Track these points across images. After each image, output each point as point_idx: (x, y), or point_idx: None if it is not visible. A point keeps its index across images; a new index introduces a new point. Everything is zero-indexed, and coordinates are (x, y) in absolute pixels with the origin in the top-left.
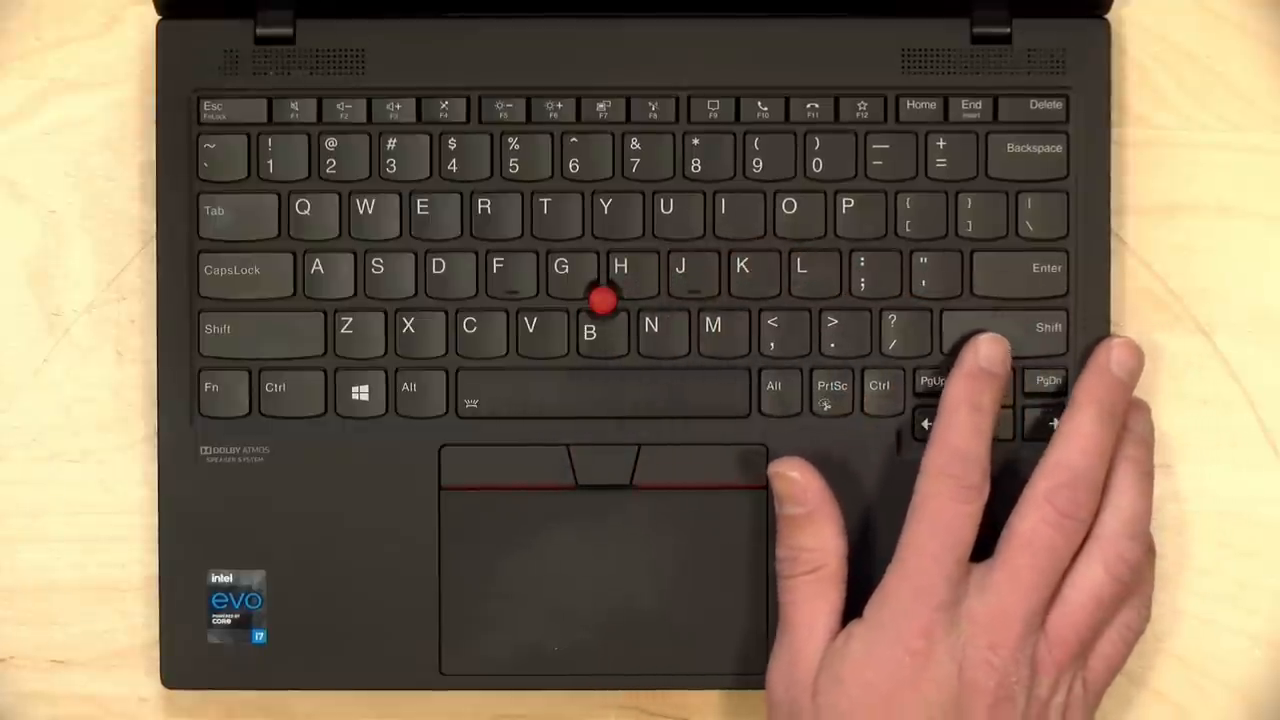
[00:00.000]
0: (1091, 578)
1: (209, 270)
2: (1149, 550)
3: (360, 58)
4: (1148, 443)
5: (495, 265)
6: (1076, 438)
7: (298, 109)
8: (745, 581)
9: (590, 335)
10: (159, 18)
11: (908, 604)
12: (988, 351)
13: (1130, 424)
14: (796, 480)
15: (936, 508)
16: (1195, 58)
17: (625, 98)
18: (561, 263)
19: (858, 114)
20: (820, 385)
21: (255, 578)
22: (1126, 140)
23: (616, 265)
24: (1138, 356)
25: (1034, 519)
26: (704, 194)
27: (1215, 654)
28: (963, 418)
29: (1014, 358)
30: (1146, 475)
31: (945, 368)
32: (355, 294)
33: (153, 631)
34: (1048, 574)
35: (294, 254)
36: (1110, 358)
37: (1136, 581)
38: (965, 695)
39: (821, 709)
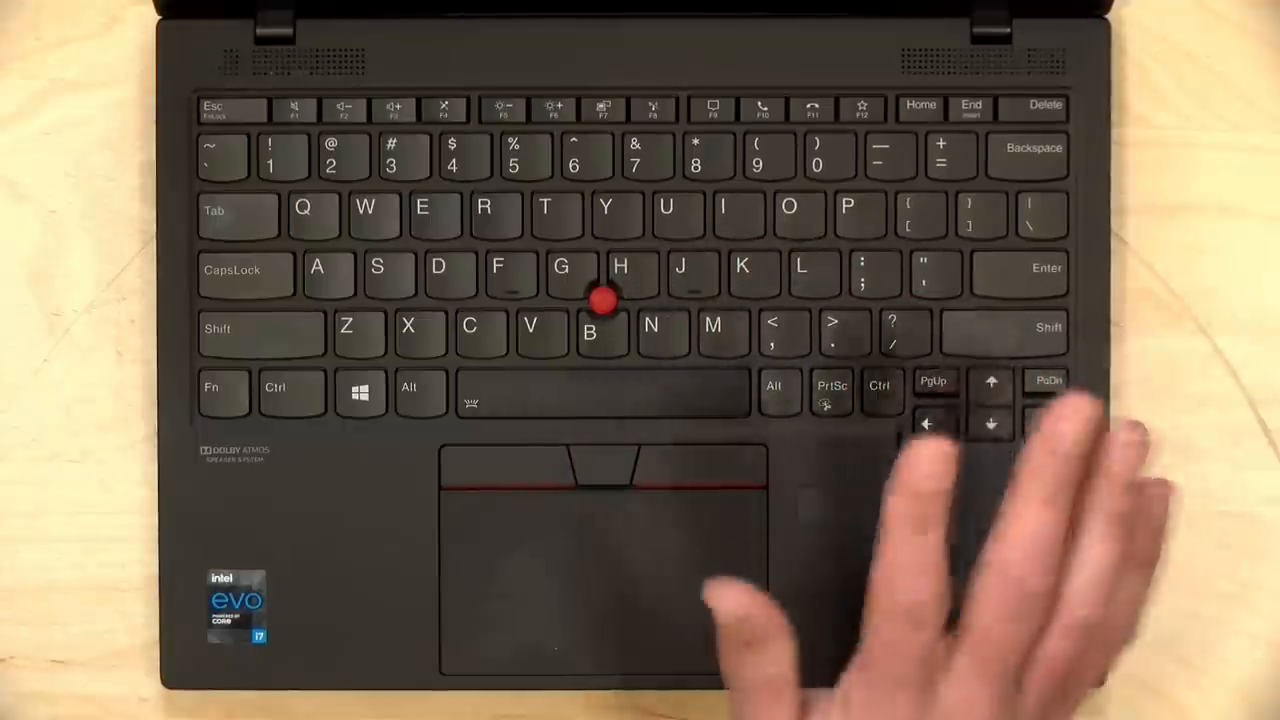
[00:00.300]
0: (1054, 647)
1: (209, 270)
2: (1140, 562)
3: (360, 58)
4: (1126, 488)
5: (495, 265)
6: (1019, 534)
7: (298, 109)
8: (745, 581)
9: (590, 335)
10: (159, 18)
11: (882, 696)
12: (926, 470)
13: (1106, 465)
14: (742, 614)
15: (890, 639)
16: (1195, 58)
17: (625, 98)
18: (561, 263)
19: (858, 114)
20: (820, 385)
21: (255, 578)
22: (1126, 140)
23: (616, 265)
24: (1086, 424)
25: (986, 616)
26: (704, 194)
27: (1215, 654)
28: (908, 549)
29: (1014, 358)
30: (1115, 521)
31: (945, 368)
32: (355, 294)
33: (153, 631)
34: (1010, 661)
35: (294, 254)
36: (1055, 432)
37: (1107, 629)
38: None
39: None
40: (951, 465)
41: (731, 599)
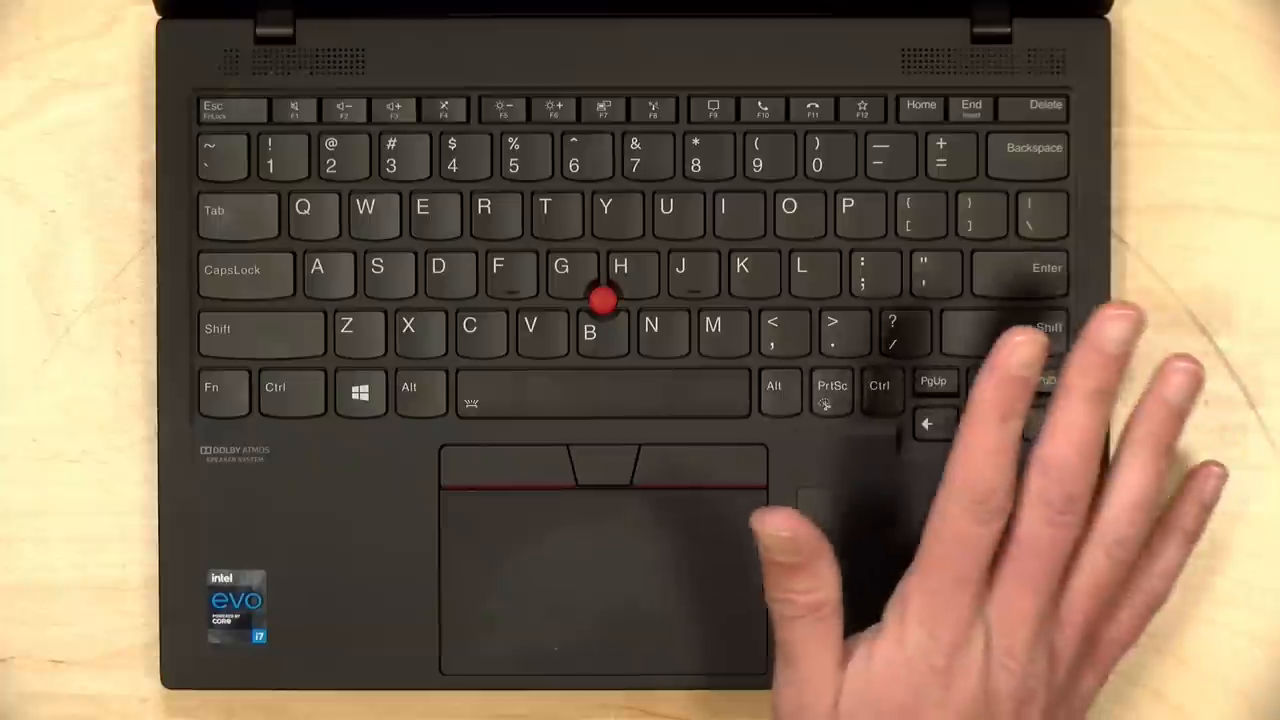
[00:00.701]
0: (1093, 564)
1: (209, 270)
2: (1183, 532)
3: (360, 58)
4: (1171, 414)
5: (495, 265)
6: (1066, 429)
7: (298, 109)
8: (745, 581)
9: (590, 335)
10: (159, 18)
11: (931, 624)
12: (1024, 356)
13: (1157, 389)
14: (787, 536)
15: (957, 530)
16: (1195, 58)
17: (625, 98)
18: (561, 263)
19: (858, 114)
20: (820, 385)
21: (255, 578)
22: (1126, 140)
23: (616, 265)
24: (1132, 325)
25: (1031, 520)
26: (704, 194)
27: (1215, 654)
28: (989, 435)
29: None
30: (1158, 451)
31: (945, 367)
32: (355, 294)
33: (153, 631)
34: (1052, 571)
35: (294, 254)
36: (1101, 333)
37: (1146, 558)
38: (990, 703)
39: None
40: (1046, 356)
41: (776, 521)
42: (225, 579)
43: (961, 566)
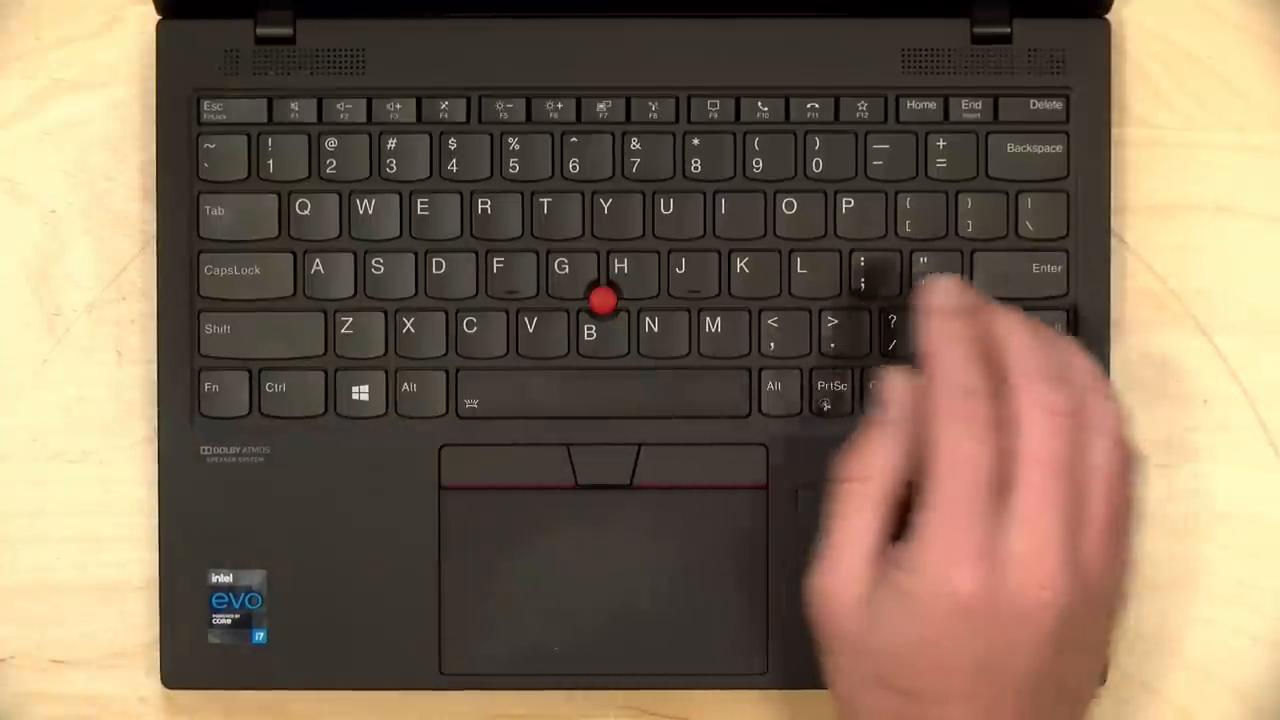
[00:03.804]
0: (1105, 460)
1: (209, 270)
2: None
3: (360, 58)
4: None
5: (495, 265)
6: (1024, 341)
7: (298, 109)
8: (745, 581)
9: (590, 335)
10: (159, 18)
11: (947, 553)
12: (945, 289)
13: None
14: (884, 386)
15: (955, 450)
16: (1195, 58)
17: (625, 98)
18: (561, 263)
19: (858, 114)
20: (820, 385)
21: (255, 578)
22: (1126, 140)
23: (616, 265)
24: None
25: (1035, 433)
26: (704, 194)
27: (1215, 654)
28: (950, 355)
29: None
30: (1059, 335)
31: None
32: (355, 294)
33: (153, 631)
34: (1070, 483)
35: (294, 254)
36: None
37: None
38: (1025, 633)
39: (871, 652)
40: (963, 288)
41: (894, 368)
42: (225, 579)
43: (966, 486)
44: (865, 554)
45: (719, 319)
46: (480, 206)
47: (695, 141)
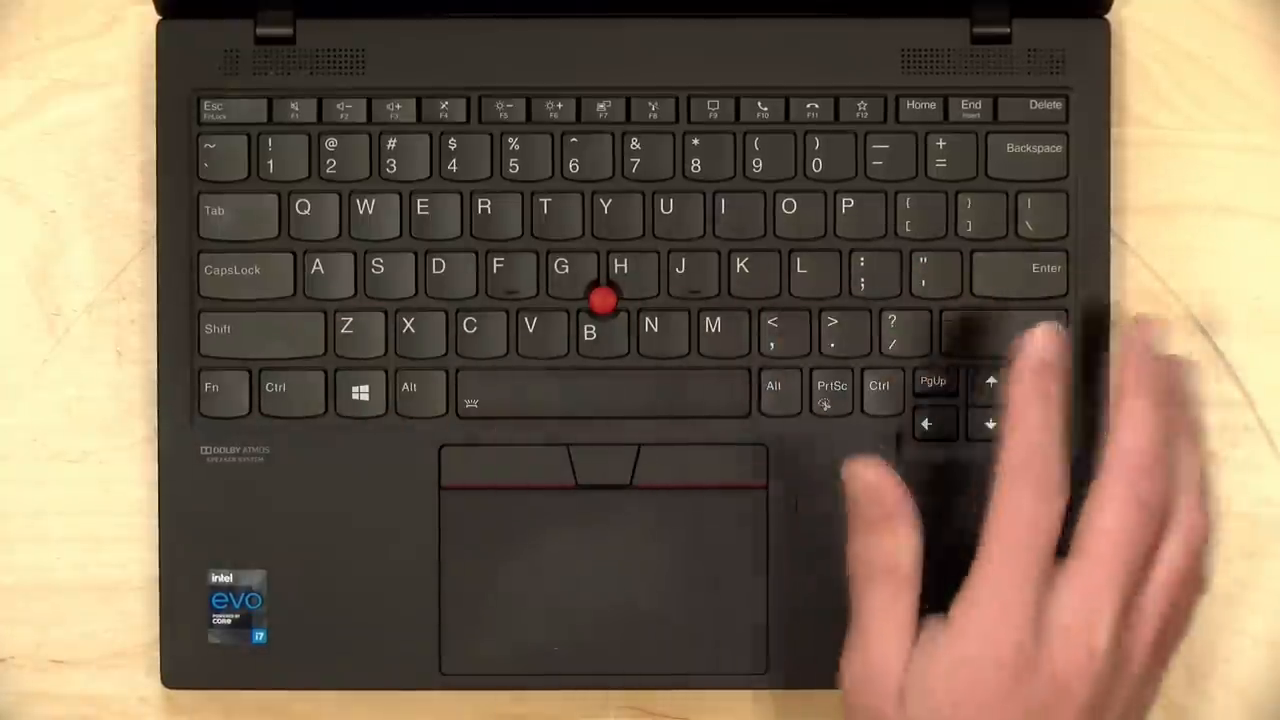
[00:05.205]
0: (1172, 558)
1: (209, 270)
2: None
3: (360, 58)
4: (1193, 403)
5: (495, 265)
6: (1141, 423)
7: (298, 109)
8: (745, 581)
9: (590, 335)
10: (159, 18)
11: (997, 614)
12: (1045, 343)
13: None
14: (873, 484)
15: (1018, 507)
16: (1195, 58)
17: (625, 98)
18: (561, 263)
19: (858, 114)
20: (820, 385)
21: (255, 578)
22: (1126, 140)
23: (616, 265)
24: (1163, 331)
25: (1116, 511)
26: (704, 194)
27: (1215, 654)
28: (1035, 412)
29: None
30: (1198, 438)
31: (945, 368)
32: (355, 294)
33: (153, 631)
34: (1135, 567)
35: (294, 254)
36: (1147, 338)
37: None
38: (1060, 702)
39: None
40: (1066, 348)
41: (863, 469)
42: (225, 579)
43: (1024, 548)
44: (900, 640)
45: (719, 319)
46: (480, 206)
47: (695, 141)
